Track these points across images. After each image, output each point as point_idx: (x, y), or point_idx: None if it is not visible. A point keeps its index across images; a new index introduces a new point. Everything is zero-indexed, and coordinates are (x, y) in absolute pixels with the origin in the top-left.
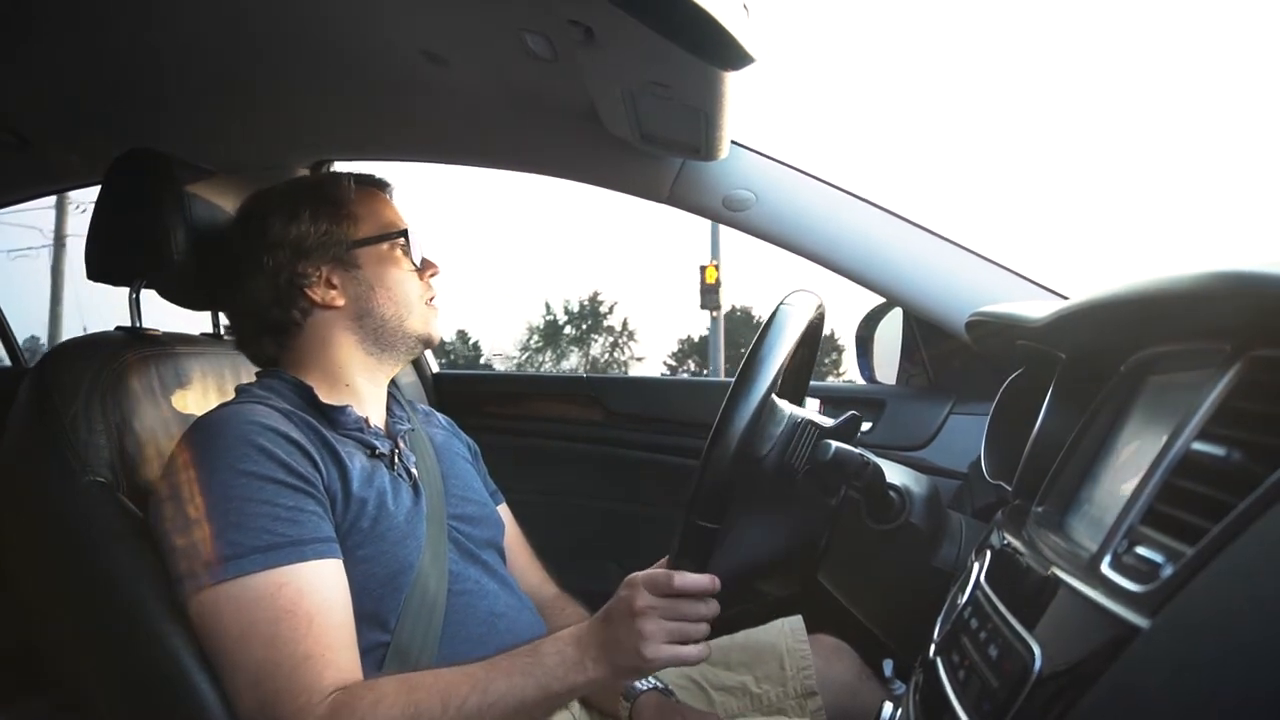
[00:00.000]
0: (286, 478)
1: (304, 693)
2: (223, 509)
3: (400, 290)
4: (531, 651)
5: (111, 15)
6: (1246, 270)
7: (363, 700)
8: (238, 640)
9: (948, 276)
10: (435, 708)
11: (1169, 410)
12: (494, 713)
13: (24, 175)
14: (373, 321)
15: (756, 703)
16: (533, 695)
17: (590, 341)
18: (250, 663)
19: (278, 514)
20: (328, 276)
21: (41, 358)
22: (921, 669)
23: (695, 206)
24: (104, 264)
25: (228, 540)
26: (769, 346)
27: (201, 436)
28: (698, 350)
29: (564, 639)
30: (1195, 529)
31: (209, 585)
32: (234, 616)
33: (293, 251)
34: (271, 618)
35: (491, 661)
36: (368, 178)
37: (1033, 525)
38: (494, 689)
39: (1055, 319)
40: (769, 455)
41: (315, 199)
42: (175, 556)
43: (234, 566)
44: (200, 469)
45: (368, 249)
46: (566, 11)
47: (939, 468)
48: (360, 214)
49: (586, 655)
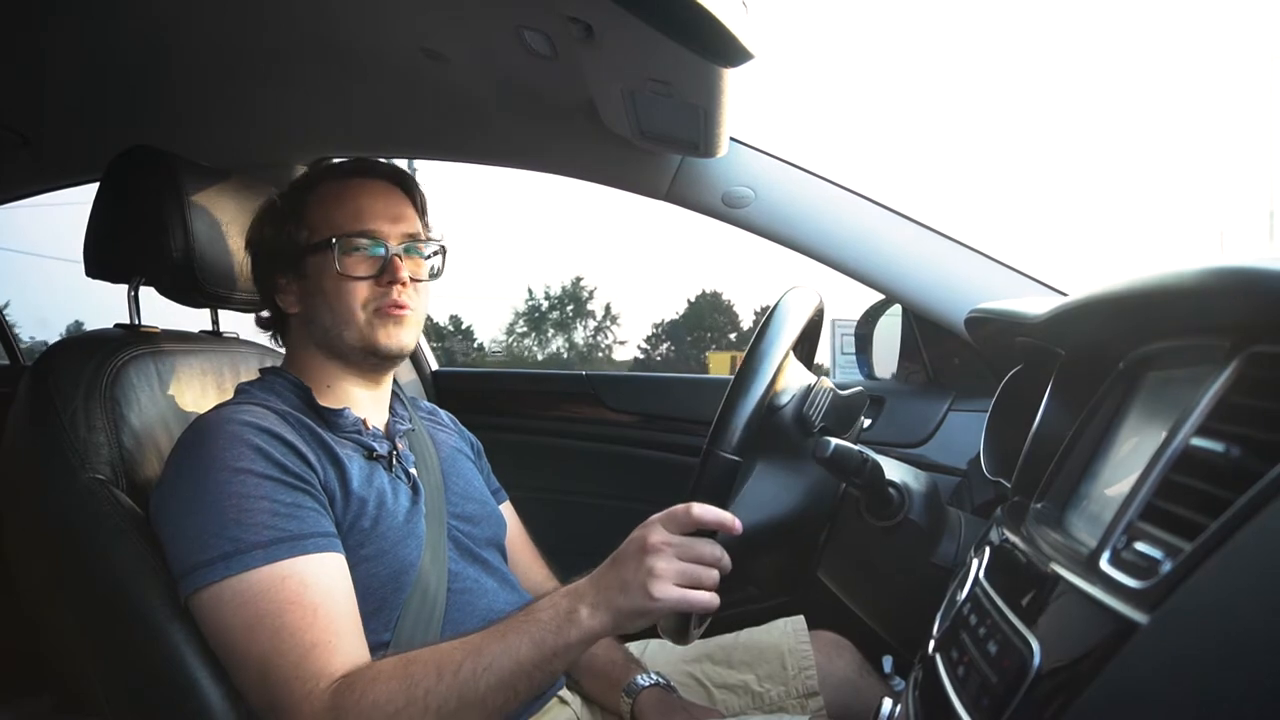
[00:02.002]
0: (283, 476)
1: (311, 679)
2: (221, 506)
3: (336, 298)
4: (526, 612)
5: (112, 12)
6: (1245, 266)
7: (362, 678)
8: (243, 634)
9: (947, 273)
10: (430, 677)
11: (1168, 406)
12: (490, 676)
13: (24, 172)
14: (318, 329)
15: (758, 701)
16: (527, 654)
17: (573, 326)
18: (257, 655)
19: (276, 509)
20: (289, 283)
21: (40, 355)
22: (921, 665)
23: (694, 203)
24: (102, 261)
25: (228, 537)
26: (774, 331)
27: (197, 437)
28: (670, 335)
29: (558, 594)
30: (1194, 525)
31: (212, 583)
32: (238, 611)
33: (266, 254)
34: (276, 610)
35: (487, 628)
36: (348, 166)
37: (1032, 521)
38: (488, 652)
39: (1054, 315)
40: (788, 406)
41: (287, 200)
42: (176, 554)
43: (237, 563)
44: (197, 468)
45: (317, 255)
46: (566, 8)
47: (938, 464)
48: (312, 217)
49: (582, 604)
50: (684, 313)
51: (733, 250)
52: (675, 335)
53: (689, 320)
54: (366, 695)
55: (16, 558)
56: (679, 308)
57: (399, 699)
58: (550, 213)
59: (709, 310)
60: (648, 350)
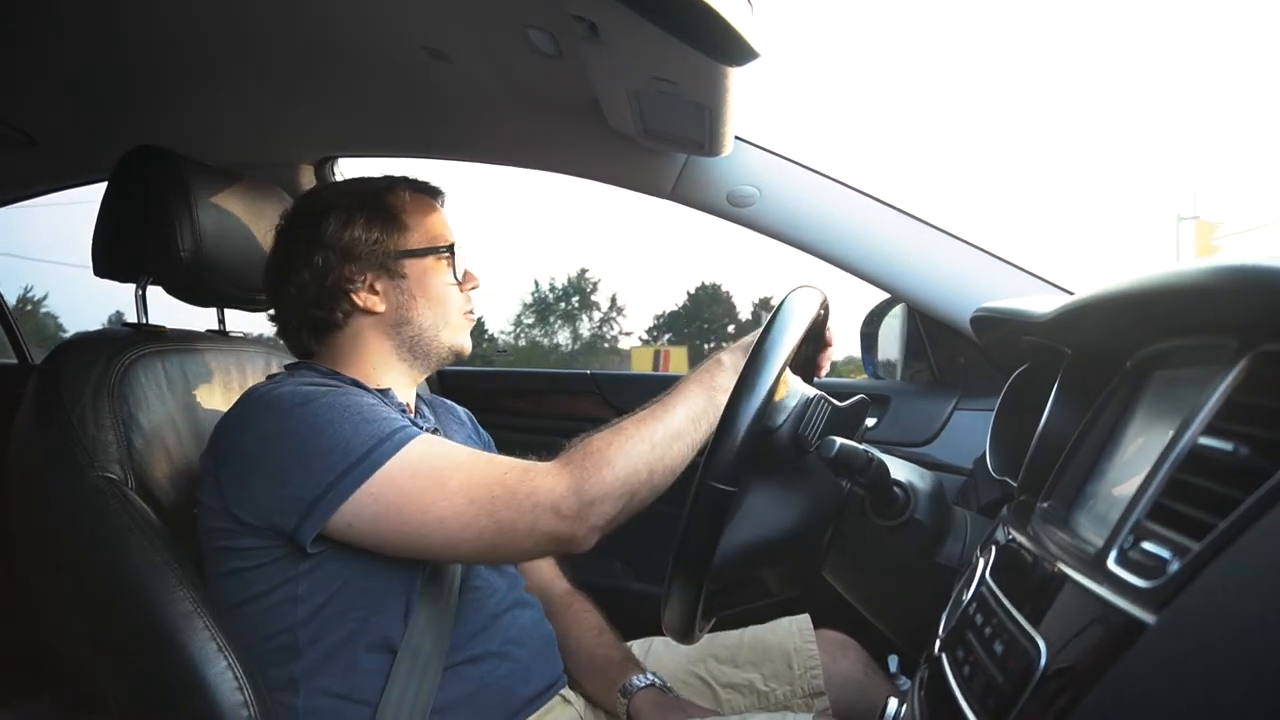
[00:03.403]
0: (366, 394)
1: (529, 468)
2: (342, 420)
3: (440, 302)
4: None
5: (118, 12)
6: (1253, 264)
7: (578, 449)
8: (443, 480)
9: (952, 272)
10: (630, 431)
11: (1175, 405)
12: (676, 422)
13: (31, 172)
14: (410, 330)
15: (764, 700)
16: (697, 399)
17: (579, 318)
18: (458, 488)
19: (388, 411)
20: (372, 282)
21: (48, 354)
22: (926, 665)
23: (699, 203)
24: (110, 260)
25: (369, 434)
26: (779, 330)
27: (266, 398)
28: (670, 326)
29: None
30: (1202, 524)
31: (380, 467)
32: (421, 472)
33: (342, 254)
34: (447, 453)
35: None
36: (424, 185)
37: (1038, 521)
38: (666, 409)
39: (1061, 314)
40: (783, 426)
41: (372, 205)
42: (306, 480)
43: (391, 445)
44: (289, 412)
45: (414, 259)
46: (571, 7)
47: (944, 463)
48: (411, 224)
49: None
50: (684, 305)
51: (733, 243)
52: (675, 327)
53: (689, 312)
54: (590, 448)
55: (24, 556)
56: (679, 300)
57: (616, 440)
58: (555, 206)
59: (708, 302)
60: (649, 341)
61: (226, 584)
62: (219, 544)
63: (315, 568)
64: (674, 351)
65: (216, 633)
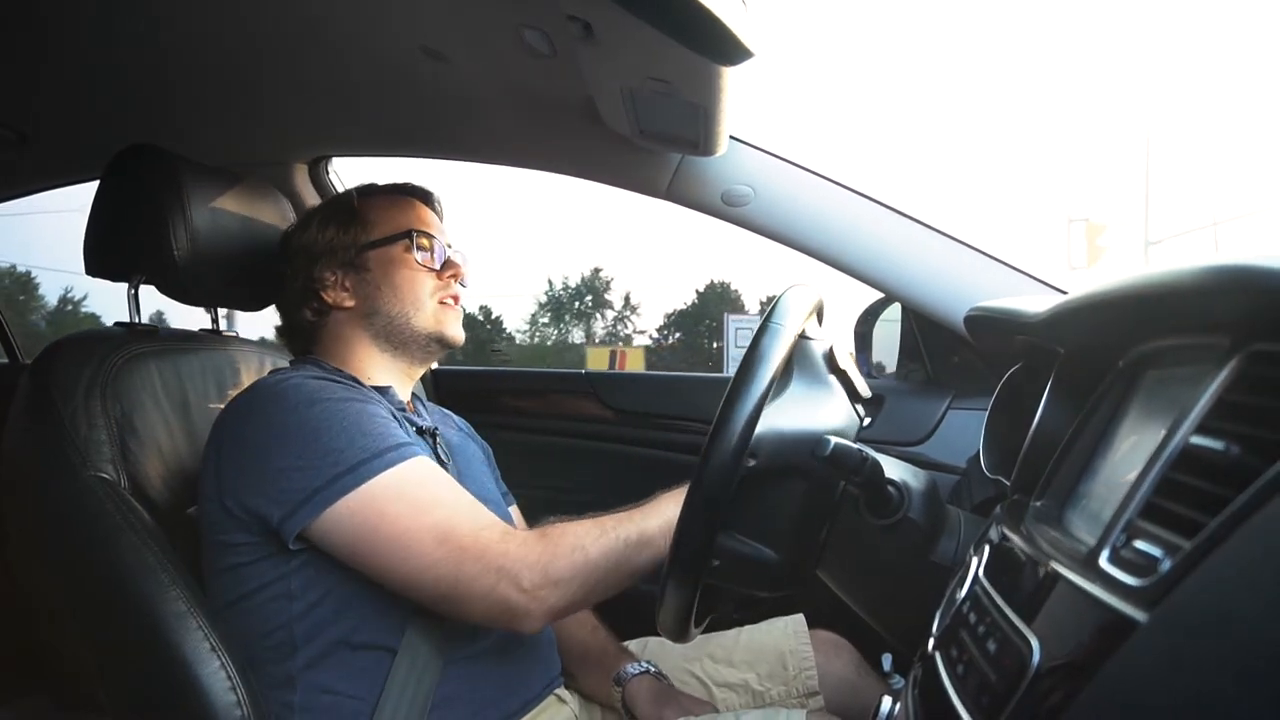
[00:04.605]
0: (370, 399)
1: (496, 524)
2: (341, 424)
3: (405, 288)
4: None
5: (111, 11)
6: (1245, 264)
7: (554, 527)
8: (411, 514)
9: (946, 271)
10: (595, 530)
11: (1167, 404)
12: (630, 534)
13: (23, 170)
14: (380, 319)
15: (758, 699)
16: (653, 523)
17: (594, 317)
18: (430, 525)
19: (390, 424)
20: (341, 279)
21: (39, 354)
22: (920, 663)
23: (694, 202)
24: (102, 259)
25: (362, 446)
26: (767, 345)
27: (269, 391)
28: (679, 324)
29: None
30: (1193, 523)
31: (367, 480)
32: (400, 499)
33: (306, 258)
34: (433, 482)
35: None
36: (399, 186)
37: (1031, 520)
38: (626, 522)
39: (1054, 314)
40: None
41: (332, 206)
42: (296, 484)
43: (384, 461)
44: (291, 409)
45: (377, 251)
46: (565, 7)
47: (937, 463)
48: (373, 219)
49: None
50: (693, 303)
51: (740, 242)
52: (684, 325)
53: (698, 310)
54: (566, 531)
55: (19, 556)
56: (689, 298)
57: (593, 531)
58: (568, 205)
59: (716, 300)
60: (659, 340)
61: (224, 580)
62: (216, 538)
63: (304, 565)
64: (630, 352)
65: (210, 633)
